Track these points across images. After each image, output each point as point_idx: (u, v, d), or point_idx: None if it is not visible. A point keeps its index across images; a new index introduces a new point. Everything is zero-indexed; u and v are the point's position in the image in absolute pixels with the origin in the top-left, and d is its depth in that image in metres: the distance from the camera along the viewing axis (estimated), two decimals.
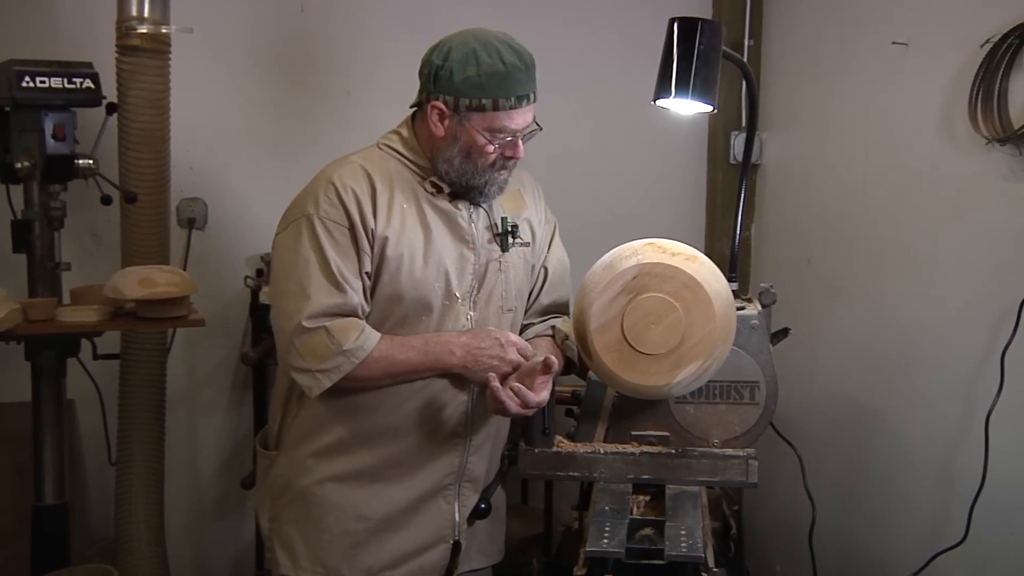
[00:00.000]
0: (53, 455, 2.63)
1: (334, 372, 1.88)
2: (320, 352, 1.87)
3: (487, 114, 1.90)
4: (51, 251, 2.62)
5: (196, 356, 3.21)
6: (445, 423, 2.03)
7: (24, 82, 2.43)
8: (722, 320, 1.80)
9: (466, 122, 1.91)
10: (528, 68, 1.92)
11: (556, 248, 2.20)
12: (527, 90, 1.92)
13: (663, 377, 1.82)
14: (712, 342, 1.80)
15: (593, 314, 1.81)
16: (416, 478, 2.03)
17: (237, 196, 3.17)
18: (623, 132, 3.45)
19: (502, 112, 1.90)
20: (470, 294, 2.02)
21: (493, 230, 2.06)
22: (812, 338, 3.06)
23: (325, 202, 1.91)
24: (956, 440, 2.55)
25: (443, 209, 2.00)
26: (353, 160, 1.99)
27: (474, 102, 1.90)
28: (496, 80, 1.89)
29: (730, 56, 2.06)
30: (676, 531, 1.73)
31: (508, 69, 1.89)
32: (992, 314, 2.41)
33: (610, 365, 1.82)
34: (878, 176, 2.85)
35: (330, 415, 2.00)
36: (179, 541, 3.17)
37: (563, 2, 3.39)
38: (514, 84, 1.90)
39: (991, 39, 2.37)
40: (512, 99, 1.90)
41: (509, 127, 1.92)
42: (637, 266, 1.80)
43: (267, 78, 3.17)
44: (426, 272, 1.96)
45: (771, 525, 3.31)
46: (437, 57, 1.92)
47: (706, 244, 3.57)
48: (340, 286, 1.90)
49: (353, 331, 1.88)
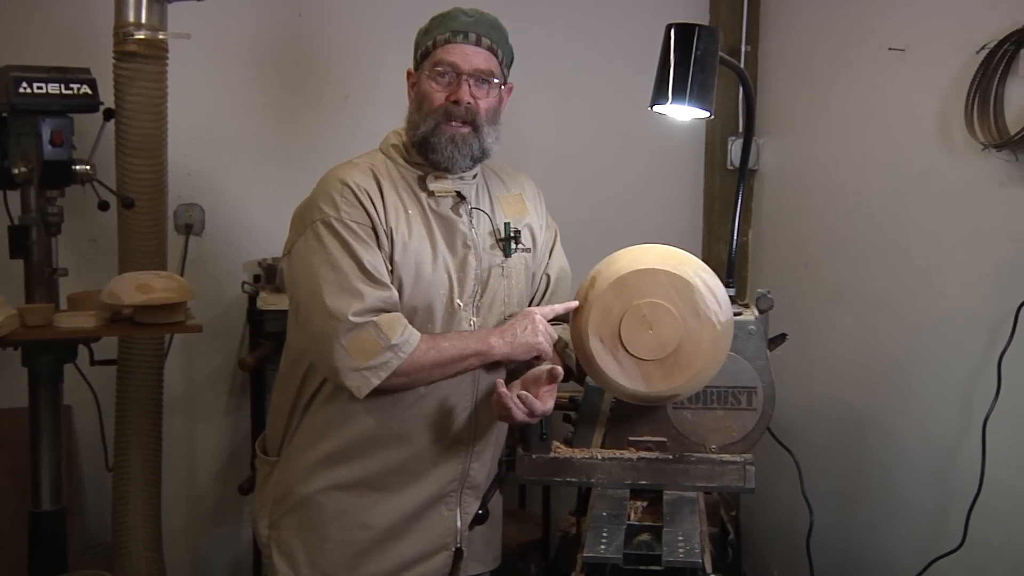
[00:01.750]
0: (50, 461, 2.63)
1: (382, 368, 1.85)
2: (368, 348, 1.84)
3: (431, 56, 1.97)
4: (48, 257, 2.61)
5: (193, 362, 3.21)
6: (449, 430, 2.03)
7: (22, 88, 2.43)
8: (719, 325, 1.80)
9: (422, 74, 1.99)
10: (476, 16, 1.98)
11: (557, 255, 2.20)
12: (466, 28, 1.96)
13: (660, 383, 1.81)
14: (709, 347, 1.80)
15: (590, 320, 1.81)
16: (419, 486, 2.02)
17: (235, 202, 3.17)
18: (621, 138, 3.46)
19: (440, 48, 1.96)
20: (473, 300, 2.01)
21: (495, 235, 2.05)
22: (810, 343, 3.06)
23: (344, 203, 1.90)
24: (953, 445, 2.55)
25: (444, 215, 2.00)
26: (360, 163, 1.99)
27: (422, 49, 1.99)
28: (438, 21, 1.99)
29: (727, 62, 2.06)
30: (674, 536, 1.73)
31: (451, 11, 1.98)
32: (989, 319, 2.41)
33: (607, 371, 1.82)
34: (875, 181, 2.86)
35: (334, 422, 1.99)
36: (176, 547, 3.16)
37: (562, 9, 3.40)
38: (452, 21, 1.97)
39: (987, 45, 2.37)
40: (447, 32, 1.95)
41: (446, 59, 1.95)
42: (635, 271, 1.80)
43: (265, 83, 3.17)
44: (432, 279, 1.96)
45: (769, 530, 3.31)
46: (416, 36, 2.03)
47: (704, 249, 3.57)
48: (380, 282, 1.88)
49: (398, 325, 1.86)
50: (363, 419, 1.98)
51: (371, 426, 1.98)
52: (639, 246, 1.87)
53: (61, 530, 2.66)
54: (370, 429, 1.98)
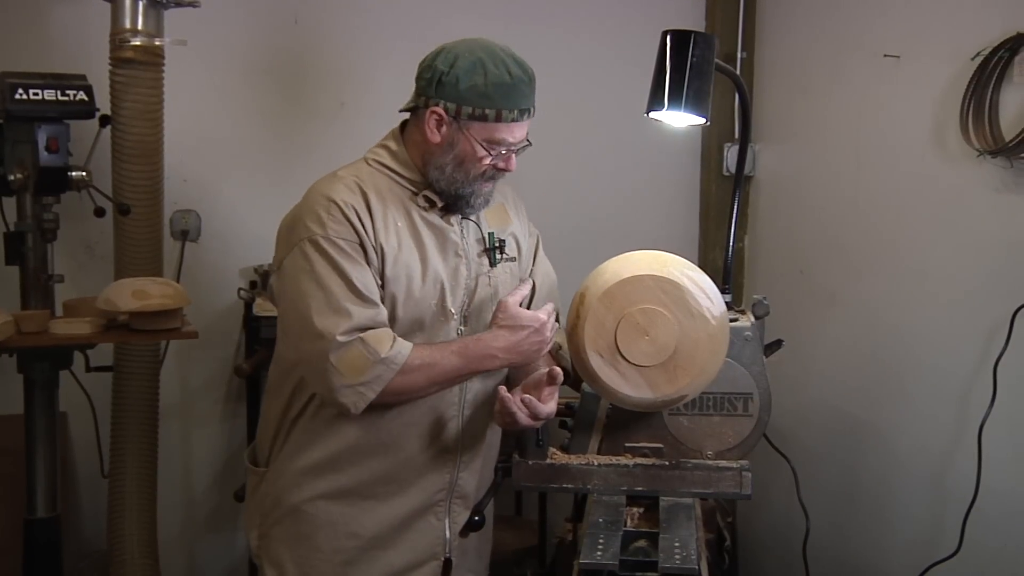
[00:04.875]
0: (45, 468, 2.62)
1: (375, 382, 1.85)
2: (358, 364, 1.84)
3: (488, 124, 1.90)
4: (44, 263, 2.61)
5: (189, 368, 3.20)
6: (437, 439, 2.03)
7: (18, 94, 2.43)
8: (714, 320, 1.80)
9: (465, 130, 1.90)
10: (531, 82, 1.92)
11: (541, 261, 2.20)
12: (529, 104, 1.93)
13: (666, 387, 1.81)
14: (707, 343, 1.80)
15: (586, 336, 1.81)
16: (407, 495, 2.02)
17: (231, 208, 3.17)
18: (617, 144, 3.46)
19: (503, 124, 1.90)
20: (462, 308, 2.01)
21: (483, 244, 2.06)
22: (806, 349, 3.07)
23: (331, 221, 1.88)
24: (949, 451, 2.55)
25: (435, 224, 1.99)
26: (345, 176, 1.96)
27: (477, 111, 1.88)
28: (502, 91, 1.88)
29: (723, 68, 2.06)
30: (670, 543, 1.73)
31: (514, 81, 1.88)
32: (984, 325, 2.42)
33: (611, 385, 1.82)
34: (871, 187, 2.86)
35: (321, 432, 1.99)
36: (172, 554, 3.16)
37: (558, 15, 3.40)
38: (518, 97, 1.90)
39: (982, 52, 2.38)
40: (515, 112, 1.90)
41: (507, 140, 1.92)
42: (621, 281, 1.80)
43: (261, 90, 3.17)
44: (424, 290, 1.96)
45: (765, 536, 3.31)
46: (442, 63, 1.90)
47: (700, 255, 3.58)
48: (369, 300, 1.88)
49: (387, 340, 1.86)
50: (350, 428, 1.97)
51: (358, 435, 1.98)
52: (621, 255, 1.87)
53: (56, 537, 2.65)
54: (357, 438, 1.98)
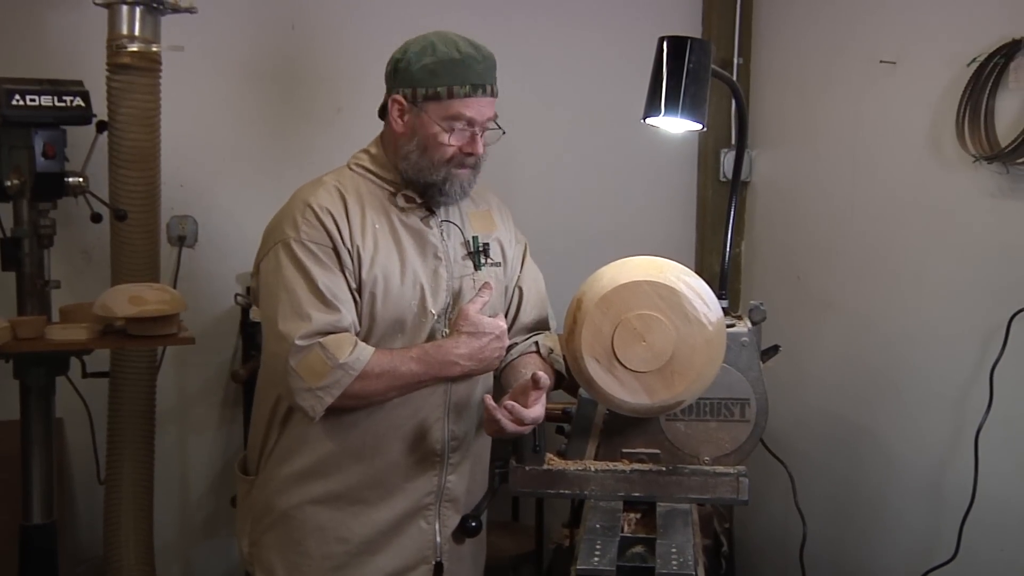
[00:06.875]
0: (41, 474, 2.61)
1: (334, 387, 1.86)
2: (317, 368, 1.86)
3: (442, 102, 1.91)
4: (40, 269, 2.60)
5: (186, 374, 3.20)
6: (422, 442, 2.03)
7: (14, 100, 2.43)
8: (710, 325, 1.80)
9: (423, 113, 1.93)
10: (485, 60, 1.94)
11: (529, 268, 2.21)
12: (483, 81, 1.93)
13: (663, 393, 1.81)
14: (704, 348, 1.80)
15: (583, 342, 1.81)
16: (395, 499, 2.02)
17: (227, 214, 3.16)
18: (614, 150, 3.46)
19: (457, 99, 1.91)
20: (445, 311, 2.02)
21: (467, 247, 2.06)
22: (802, 355, 3.07)
23: (305, 224, 1.91)
24: (946, 457, 2.56)
25: (414, 227, 2.00)
26: (326, 181, 2.00)
27: (430, 91, 1.91)
28: (450, 67, 1.91)
29: (719, 74, 2.07)
30: (667, 548, 1.73)
31: (463, 57, 1.91)
32: (981, 331, 2.42)
33: (608, 390, 1.82)
34: (867, 193, 2.87)
35: (308, 437, 1.99)
36: (169, 560, 3.16)
37: (554, 20, 3.41)
38: (468, 72, 1.91)
39: (977, 58, 2.39)
40: (467, 86, 1.91)
41: (464, 114, 1.92)
42: (618, 287, 1.80)
43: (258, 96, 3.17)
44: (402, 291, 1.97)
45: (762, 542, 3.30)
46: (399, 53, 1.96)
47: (696, 261, 3.58)
48: (332, 305, 1.89)
49: (347, 345, 1.87)
50: (336, 433, 1.98)
51: (344, 439, 1.98)
52: (618, 261, 1.87)
53: (52, 544, 2.64)
54: (343, 442, 1.99)
